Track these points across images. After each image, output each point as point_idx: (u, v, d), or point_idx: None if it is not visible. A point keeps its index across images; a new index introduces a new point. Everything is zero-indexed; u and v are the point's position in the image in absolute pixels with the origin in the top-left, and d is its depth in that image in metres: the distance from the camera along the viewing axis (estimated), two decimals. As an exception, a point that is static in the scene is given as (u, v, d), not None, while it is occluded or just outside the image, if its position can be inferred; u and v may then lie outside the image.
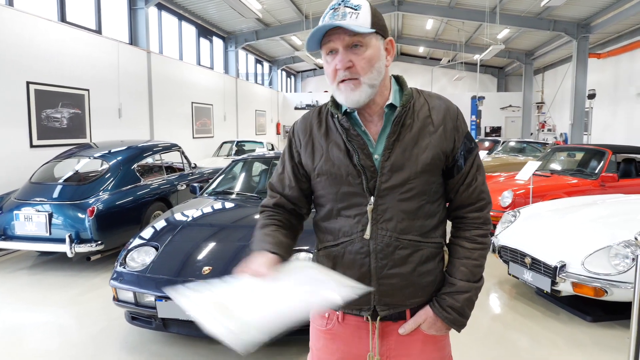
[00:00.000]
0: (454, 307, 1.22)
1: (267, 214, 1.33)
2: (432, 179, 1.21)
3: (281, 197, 1.33)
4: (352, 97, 1.15)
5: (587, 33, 13.68)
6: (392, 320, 1.24)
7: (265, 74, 20.76)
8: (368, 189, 1.18)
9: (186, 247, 3.19)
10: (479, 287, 1.25)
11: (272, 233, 1.25)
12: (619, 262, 3.14)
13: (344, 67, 1.13)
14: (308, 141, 1.27)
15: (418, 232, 1.20)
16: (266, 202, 1.35)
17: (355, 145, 1.19)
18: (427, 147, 1.18)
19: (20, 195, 4.94)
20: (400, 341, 1.26)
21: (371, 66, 1.14)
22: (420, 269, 1.21)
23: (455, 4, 14.49)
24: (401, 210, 1.18)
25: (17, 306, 3.90)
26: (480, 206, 1.26)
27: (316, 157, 1.25)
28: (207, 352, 3.02)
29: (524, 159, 9.65)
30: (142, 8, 10.19)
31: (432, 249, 1.22)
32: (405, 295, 1.22)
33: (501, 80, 25.93)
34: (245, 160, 4.99)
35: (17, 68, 6.63)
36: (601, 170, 5.75)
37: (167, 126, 11.10)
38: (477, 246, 1.25)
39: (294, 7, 13.89)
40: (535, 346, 3.10)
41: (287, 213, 1.34)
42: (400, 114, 1.18)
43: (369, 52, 1.14)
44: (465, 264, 1.23)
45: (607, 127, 14.94)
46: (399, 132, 1.18)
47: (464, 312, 1.23)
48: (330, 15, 1.12)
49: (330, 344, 1.29)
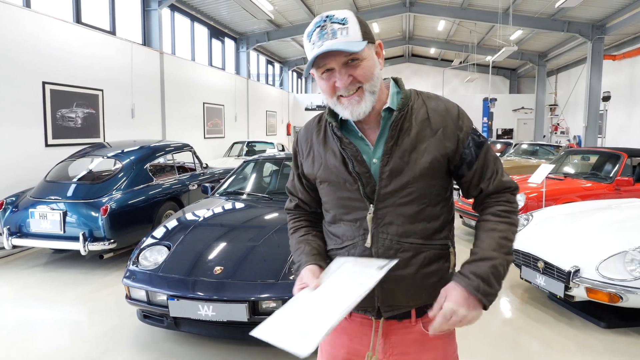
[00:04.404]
0: (476, 272, 1.13)
1: (293, 216, 1.44)
2: (432, 182, 1.20)
3: (298, 200, 1.42)
4: (358, 109, 1.16)
5: (602, 34, 13.49)
6: (397, 319, 1.25)
7: (276, 75, 20.82)
8: (366, 194, 1.20)
9: (198, 246, 3.21)
10: (508, 259, 1.16)
11: (304, 239, 1.34)
12: (635, 268, 3.09)
13: (346, 84, 1.14)
14: (309, 150, 1.31)
15: (420, 235, 1.20)
16: (288, 205, 1.46)
17: (349, 153, 1.21)
18: (425, 151, 1.18)
19: (36, 193, 5.02)
20: (402, 339, 1.26)
21: (371, 74, 1.16)
22: (424, 270, 1.20)
23: (467, 5, 14.40)
24: (401, 215, 1.19)
25: (31, 302, 3.97)
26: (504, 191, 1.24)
27: (316, 165, 1.28)
28: (217, 352, 3.04)
29: (536, 161, 9.53)
30: (155, 9, 10.29)
31: (436, 250, 1.22)
32: (408, 296, 1.22)
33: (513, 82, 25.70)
34: (257, 161, 5.02)
35: (33, 68, 6.74)
36: (616, 173, 5.66)
37: (178, 126, 11.19)
38: (502, 220, 1.20)
39: (306, 8, 13.92)
40: (547, 351, 3.06)
41: (308, 214, 1.43)
42: (397, 119, 1.18)
43: (366, 64, 1.14)
44: (491, 235, 1.18)
45: (622, 129, 14.72)
46: (397, 136, 1.18)
47: (489, 280, 1.12)
48: (318, 34, 1.12)
49: (338, 339, 1.33)
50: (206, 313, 2.73)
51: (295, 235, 1.38)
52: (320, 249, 1.32)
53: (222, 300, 2.72)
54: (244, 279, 2.84)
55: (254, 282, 2.80)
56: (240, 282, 2.81)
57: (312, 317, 1.06)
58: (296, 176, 1.39)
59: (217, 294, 2.75)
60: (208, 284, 2.81)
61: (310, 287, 1.16)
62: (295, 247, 1.35)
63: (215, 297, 2.73)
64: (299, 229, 1.39)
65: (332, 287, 1.14)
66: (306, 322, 1.05)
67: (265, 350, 3.00)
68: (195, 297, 2.76)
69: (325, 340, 1.34)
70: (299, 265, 1.28)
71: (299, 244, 1.34)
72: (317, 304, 1.11)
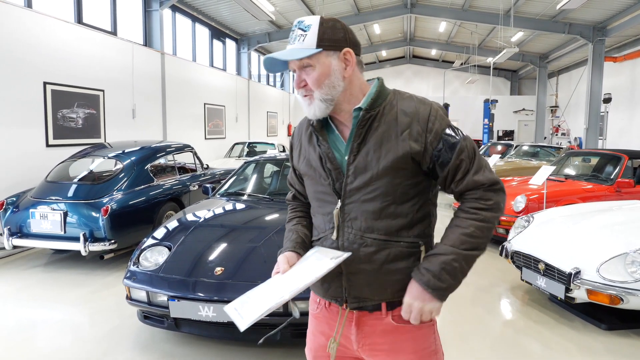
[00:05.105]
0: (428, 268, 1.20)
1: (291, 206, 1.56)
2: (396, 180, 1.23)
3: (295, 190, 1.55)
4: (310, 111, 1.27)
5: (603, 36, 13.49)
6: (367, 310, 1.30)
7: (277, 76, 20.84)
8: (335, 190, 1.29)
9: (199, 247, 3.21)
10: (463, 255, 1.19)
11: (294, 228, 1.45)
12: (636, 270, 3.09)
13: (298, 87, 1.27)
14: (298, 145, 1.42)
15: (383, 232, 1.24)
16: (288, 196, 1.59)
17: (323, 149, 1.30)
18: (389, 150, 1.22)
19: (36, 193, 5.02)
20: (373, 330, 1.31)
21: (320, 83, 1.23)
22: (389, 267, 1.25)
23: (468, 6, 14.40)
24: (366, 210, 1.25)
25: (31, 303, 3.97)
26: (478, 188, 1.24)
27: (301, 159, 1.40)
28: (217, 352, 3.04)
29: (537, 163, 9.53)
30: (156, 10, 10.30)
31: (402, 248, 1.25)
32: (372, 290, 1.27)
33: (514, 84, 25.70)
34: (257, 161, 5.02)
35: (34, 68, 6.75)
36: (617, 175, 5.66)
37: (179, 127, 11.20)
38: (470, 216, 1.22)
39: (307, 9, 13.93)
40: (548, 353, 3.06)
41: (303, 204, 1.53)
42: (365, 118, 1.24)
43: (317, 72, 1.23)
44: (453, 231, 1.23)
45: (623, 131, 14.71)
46: (364, 135, 1.24)
47: (440, 276, 1.18)
48: (290, 37, 1.26)
49: (318, 326, 1.43)
50: (207, 314, 2.73)
51: (289, 224, 1.49)
52: (306, 238, 1.42)
53: (222, 301, 2.71)
54: (244, 279, 2.84)
55: (254, 282, 2.78)
56: (241, 282, 2.81)
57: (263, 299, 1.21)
58: (292, 169, 1.52)
59: (217, 294, 2.75)
60: (209, 285, 2.81)
61: (280, 272, 1.30)
62: (286, 235, 1.46)
63: (215, 298, 2.73)
64: (292, 218, 1.50)
65: (293, 273, 1.28)
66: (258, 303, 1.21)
67: (265, 351, 3.00)
68: (196, 297, 2.76)
69: (310, 328, 1.47)
70: (280, 251, 1.39)
71: (289, 232, 1.45)
72: (275, 287, 1.25)
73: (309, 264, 1.28)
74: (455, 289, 1.22)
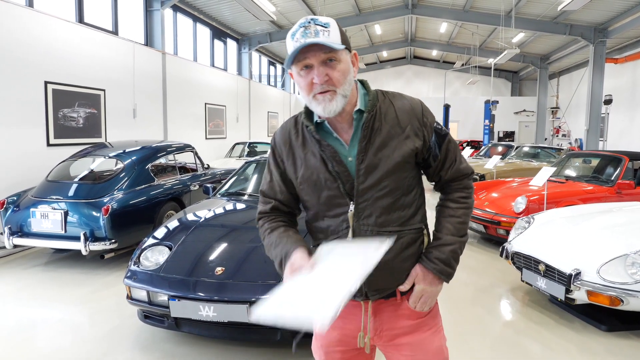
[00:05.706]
0: (440, 258, 1.33)
1: (269, 218, 1.45)
2: (404, 174, 1.32)
3: (275, 201, 1.45)
4: (330, 107, 1.24)
5: (604, 38, 13.49)
6: (384, 298, 1.37)
7: (278, 76, 20.85)
8: (346, 191, 1.30)
9: (199, 247, 3.22)
10: (462, 241, 1.36)
11: (285, 234, 1.38)
12: (636, 271, 3.09)
13: (323, 81, 1.22)
14: (289, 152, 1.38)
15: (397, 223, 1.32)
16: (263, 209, 1.47)
17: (327, 154, 1.30)
18: (397, 147, 1.29)
19: (37, 193, 5.02)
20: (390, 316, 1.38)
21: (345, 78, 1.25)
22: (402, 254, 1.33)
23: (469, 7, 14.40)
24: (379, 207, 1.30)
25: (31, 302, 3.97)
26: (462, 178, 1.40)
27: (297, 166, 1.36)
28: (217, 352, 3.04)
29: (537, 164, 9.53)
30: (157, 10, 10.31)
31: (412, 234, 1.35)
32: (392, 280, 1.34)
33: (515, 85, 25.70)
34: (258, 161, 5.02)
35: (35, 68, 6.75)
36: (617, 177, 5.66)
37: (180, 127, 11.20)
38: (460, 205, 1.38)
39: (308, 9, 13.94)
40: (548, 353, 3.06)
41: (284, 215, 1.46)
42: (368, 119, 1.28)
43: (342, 66, 1.24)
44: (450, 221, 1.37)
45: (624, 133, 14.71)
46: (369, 135, 1.28)
47: (450, 263, 1.34)
48: (302, 33, 1.21)
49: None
50: (207, 313, 2.73)
51: (273, 233, 1.39)
52: (301, 239, 1.37)
53: (223, 300, 2.72)
54: (245, 279, 2.84)
55: (255, 282, 2.80)
56: (242, 282, 2.81)
57: (318, 296, 1.08)
58: (277, 176, 1.42)
59: (218, 294, 2.75)
60: (209, 285, 2.82)
61: (305, 269, 1.20)
62: (276, 243, 1.36)
63: (216, 298, 2.74)
64: (276, 228, 1.41)
65: (332, 267, 1.19)
66: (313, 301, 1.07)
67: (265, 351, 3.00)
68: (196, 297, 2.76)
69: None
70: (285, 253, 1.31)
71: (280, 239, 1.36)
72: (320, 283, 1.14)
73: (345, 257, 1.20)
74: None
